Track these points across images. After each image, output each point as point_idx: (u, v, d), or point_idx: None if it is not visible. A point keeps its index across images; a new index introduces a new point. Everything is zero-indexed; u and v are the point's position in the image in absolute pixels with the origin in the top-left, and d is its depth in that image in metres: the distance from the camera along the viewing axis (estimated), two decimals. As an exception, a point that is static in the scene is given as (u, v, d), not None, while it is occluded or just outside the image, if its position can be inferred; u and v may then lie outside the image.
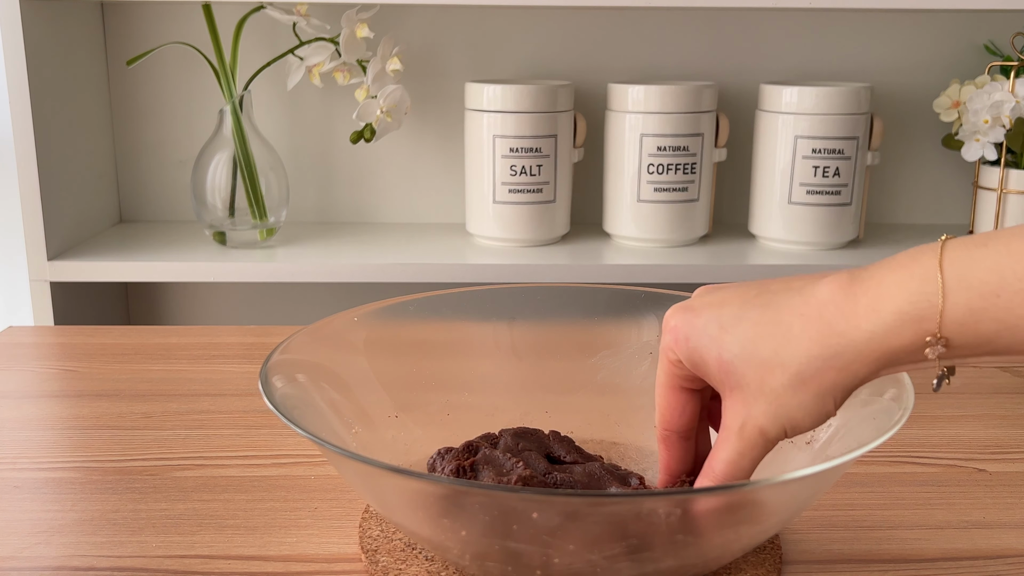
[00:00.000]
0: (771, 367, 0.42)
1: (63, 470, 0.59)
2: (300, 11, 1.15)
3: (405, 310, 0.59)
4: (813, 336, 0.41)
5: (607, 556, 0.40)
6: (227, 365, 0.79)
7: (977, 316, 0.38)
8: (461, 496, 0.40)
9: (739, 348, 0.42)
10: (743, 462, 0.43)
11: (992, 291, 0.38)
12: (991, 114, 1.17)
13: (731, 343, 0.43)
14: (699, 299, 0.45)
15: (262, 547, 0.50)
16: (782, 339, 0.42)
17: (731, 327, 0.43)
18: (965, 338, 0.39)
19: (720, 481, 0.44)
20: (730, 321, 0.43)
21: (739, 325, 0.43)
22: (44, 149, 1.12)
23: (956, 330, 0.38)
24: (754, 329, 0.42)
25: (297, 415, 0.46)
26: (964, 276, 0.38)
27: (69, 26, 1.19)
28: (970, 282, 0.38)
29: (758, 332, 0.42)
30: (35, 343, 0.85)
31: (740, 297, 0.44)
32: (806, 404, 0.42)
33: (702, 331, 0.43)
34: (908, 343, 0.39)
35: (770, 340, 0.42)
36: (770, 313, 0.42)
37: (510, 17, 1.29)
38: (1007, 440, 0.64)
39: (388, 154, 1.34)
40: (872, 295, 0.40)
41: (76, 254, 1.17)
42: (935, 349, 0.39)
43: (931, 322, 0.39)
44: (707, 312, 0.44)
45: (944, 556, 0.50)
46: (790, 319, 0.42)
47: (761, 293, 0.43)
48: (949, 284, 0.38)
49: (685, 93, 1.18)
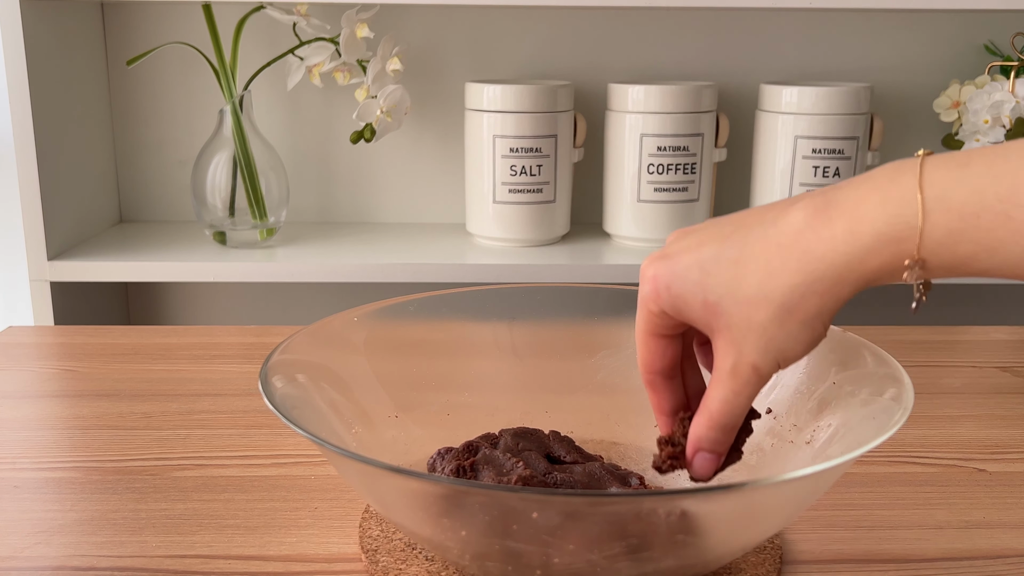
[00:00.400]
0: (756, 303, 0.42)
1: (63, 470, 0.59)
2: (300, 11, 1.15)
3: (405, 310, 0.59)
4: (793, 267, 0.41)
5: (607, 556, 0.40)
6: (227, 365, 0.79)
7: (955, 238, 0.38)
8: (461, 496, 0.40)
9: (723, 289, 0.42)
10: (738, 400, 0.43)
11: (972, 212, 0.37)
12: (991, 114, 1.17)
13: (714, 285, 0.42)
14: (675, 244, 0.45)
15: (262, 547, 0.50)
16: (764, 274, 0.41)
17: (712, 269, 0.42)
18: (942, 260, 0.39)
19: (716, 421, 0.44)
20: (710, 263, 0.43)
21: (719, 266, 0.42)
22: (44, 149, 1.12)
23: (934, 251, 0.38)
24: (735, 268, 0.42)
25: (297, 415, 0.46)
26: (944, 197, 0.38)
27: (69, 26, 1.19)
28: (950, 203, 0.38)
29: (739, 271, 0.42)
30: (35, 343, 0.85)
31: (717, 236, 0.43)
32: (795, 333, 0.42)
33: (683, 277, 0.43)
34: (886, 263, 0.39)
35: (752, 276, 0.42)
36: (748, 249, 0.42)
37: (510, 17, 1.29)
38: (1007, 440, 0.64)
39: (388, 154, 1.34)
40: (849, 217, 0.40)
41: (76, 254, 1.17)
42: (913, 272, 0.39)
43: (910, 243, 0.39)
44: (686, 257, 0.43)
45: (944, 556, 0.50)
46: (769, 253, 0.41)
47: (737, 229, 0.43)
48: (929, 205, 0.38)
49: (685, 93, 1.18)
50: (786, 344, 0.42)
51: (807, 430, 0.50)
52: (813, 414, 0.51)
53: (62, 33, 1.17)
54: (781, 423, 0.52)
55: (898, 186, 0.39)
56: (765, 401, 0.54)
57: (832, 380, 0.51)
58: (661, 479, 0.55)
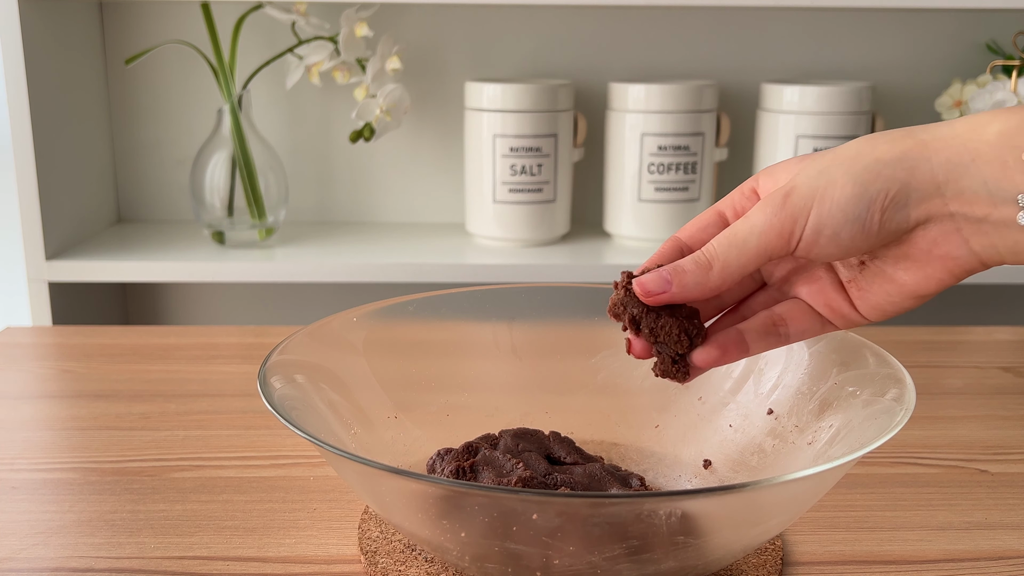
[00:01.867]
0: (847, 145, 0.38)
1: (61, 471, 0.59)
2: (299, 10, 1.15)
3: (405, 310, 0.59)
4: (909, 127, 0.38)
5: (607, 557, 0.40)
6: (226, 365, 0.78)
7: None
8: (461, 497, 0.40)
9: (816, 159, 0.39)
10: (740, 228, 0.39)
11: None
12: (992, 113, 1.17)
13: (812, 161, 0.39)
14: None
15: (261, 548, 0.50)
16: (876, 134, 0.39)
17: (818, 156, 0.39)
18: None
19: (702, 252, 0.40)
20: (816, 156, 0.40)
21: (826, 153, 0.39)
22: (42, 148, 1.12)
23: None
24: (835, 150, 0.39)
25: (296, 416, 0.46)
26: None
27: (67, 25, 1.19)
28: None
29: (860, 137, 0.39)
30: (33, 343, 0.85)
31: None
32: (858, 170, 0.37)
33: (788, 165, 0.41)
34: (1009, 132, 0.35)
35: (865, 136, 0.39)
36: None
37: (510, 16, 1.29)
38: (1009, 441, 0.64)
39: (387, 153, 1.34)
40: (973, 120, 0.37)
41: (74, 254, 1.17)
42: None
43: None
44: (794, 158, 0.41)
45: (946, 557, 0.50)
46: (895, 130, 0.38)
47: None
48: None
49: (686, 92, 1.18)
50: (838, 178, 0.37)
51: (808, 431, 0.50)
52: (814, 415, 0.50)
53: (60, 32, 1.16)
54: (782, 424, 0.52)
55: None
56: (767, 402, 0.53)
57: (833, 380, 0.51)
58: (662, 480, 0.54)
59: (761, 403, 0.54)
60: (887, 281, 0.40)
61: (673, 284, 0.40)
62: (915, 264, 0.39)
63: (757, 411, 0.54)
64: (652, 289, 0.40)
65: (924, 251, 0.38)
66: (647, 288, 0.41)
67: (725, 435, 0.55)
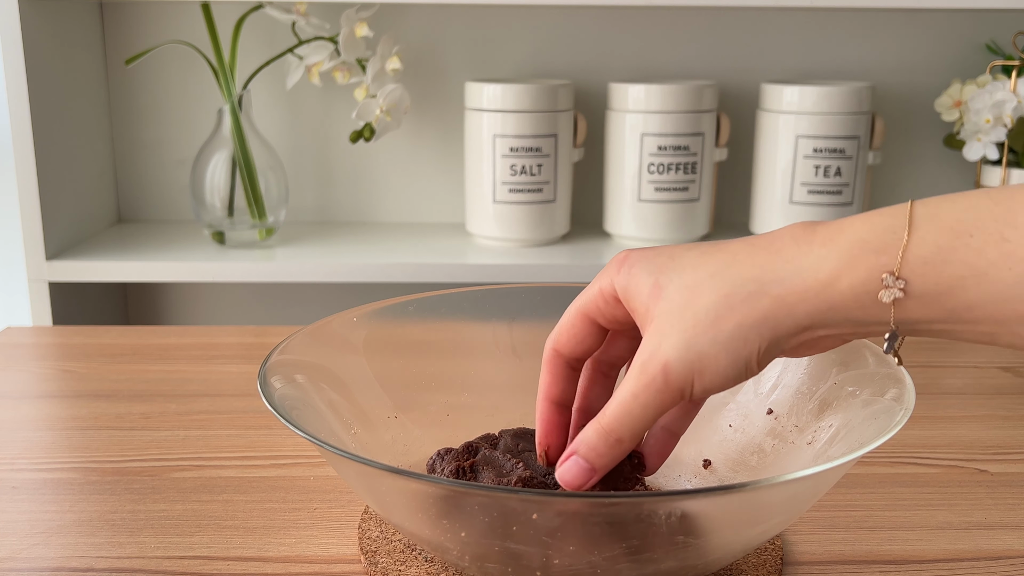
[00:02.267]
0: (701, 290, 0.38)
1: (61, 471, 0.59)
2: (299, 10, 1.15)
3: (405, 310, 0.59)
4: (758, 262, 0.38)
5: (607, 557, 0.40)
6: (226, 366, 0.78)
7: (945, 255, 0.35)
8: (461, 497, 0.40)
9: (676, 274, 0.39)
10: (635, 404, 0.39)
11: (966, 230, 0.34)
12: (993, 113, 1.17)
13: (672, 270, 0.40)
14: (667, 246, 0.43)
15: (261, 548, 0.50)
16: (723, 263, 0.39)
17: (678, 257, 0.40)
18: (926, 283, 0.35)
19: (605, 429, 0.40)
20: (680, 253, 0.40)
21: (686, 255, 0.40)
22: (42, 149, 1.12)
23: (918, 270, 0.35)
24: (699, 257, 0.39)
25: (296, 416, 0.46)
26: (936, 214, 0.35)
27: (68, 25, 1.19)
28: (941, 220, 0.35)
29: (703, 259, 0.39)
30: (33, 343, 0.85)
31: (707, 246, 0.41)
32: (723, 339, 0.37)
33: (649, 261, 0.40)
34: (860, 279, 0.36)
35: (711, 265, 0.39)
36: (721, 245, 0.40)
37: (510, 16, 1.29)
38: (1009, 441, 0.64)
39: (388, 154, 1.34)
40: (833, 228, 0.37)
41: (74, 254, 1.17)
42: (891, 292, 0.35)
43: (891, 255, 0.35)
44: (661, 249, 0.41)
45: (946, 557, 0.50)
46: (739, 247, 0.39)
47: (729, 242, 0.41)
48: (918, 219, 0.35)
49: (686, 92, 1.18)
50: (709, 350, 0.38)
51: (808, 431, 0.50)
52: (814, 415, 0.50)
53: (61, 32, 1.16)
54: (782, 423, 0.52)
55: (888, 208, 0.37)
56: (767, 402, 0.53)
57: (833, 380, 0.51)
58: (662, 480, 0.54)
59: (761, 403, 0.54)
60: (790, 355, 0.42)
61: (596, 470, 0.41)
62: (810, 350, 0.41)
63: (757, 411, 0.54)
64: (579, 483, 0.42)
65: (802, 353, 0.41)
66: (573, 484, 0.42)
67: (725, 435, 0.55)
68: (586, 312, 0.43)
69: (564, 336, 0.44)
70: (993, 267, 0.34)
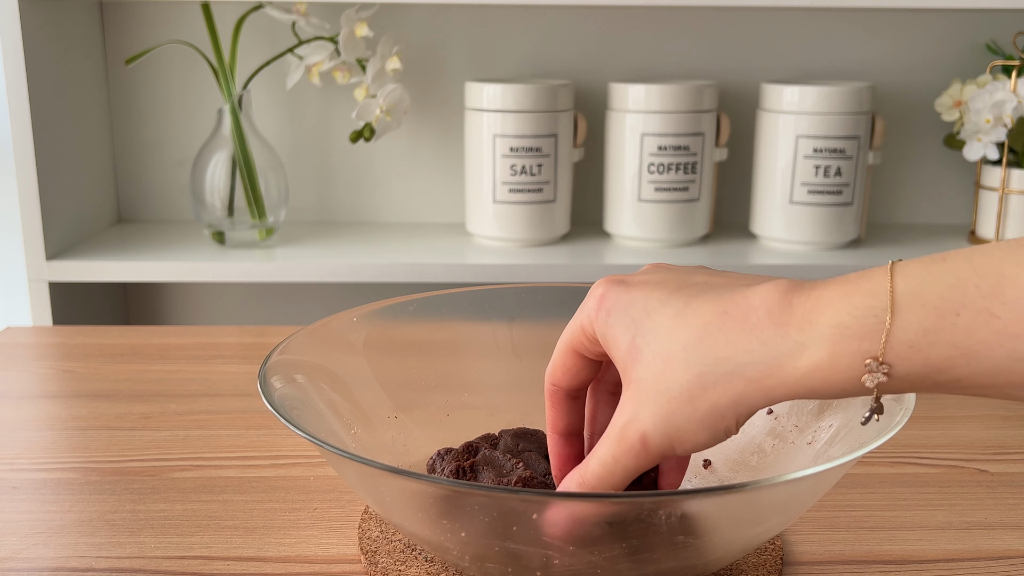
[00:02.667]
0: (674, 364, 0.37)
1: (61, 471, 0.59)
2: (299, 10, 1.15)
3: (405, 310, 0.59)
4: (731, 339, 0.36)
5: (607, 557, 0.40)
6: (226, 365, 0.78)
7: (930, 338, 0.33)
8: (461, 497, 0.40)
9: (652, 337, 0.38)
10: (615, 467, 0.39)
11: (952, 308, 0.33)
12: (993, 113, 1.17)
13: (647, 330, 0.38)
14: (639, 275, 0.41)
15: (261, 548, 0.50)
16: (696, 335, 0.37)
17: (654, 313, 0.38)
18: (912, 365, 0.34)
19: (586, 485, 0.40)
20: (656, 306, 0.39)
21: (662, 312, 0.38)
22: (43, 149, 1.12)
23: (903, 354, 0.33)
24: (673, 320, 0.38)
25: (296, 416, 0.46)
26: (919, 292, 0.33)
27: (68, 25, 1.19)
28: (925, 298, 0.33)
29: (676, 323, 0.38)
30: (33, 343, 0.85)
31: (676, 282, 0.40)
32: (699, 418, 0.37)
33: (625, 311, 0.39)
34: (842, 367, 0.34)
35: (683, 334, 0.37)
36: (694, 305, 0.38)
37: (510, 16, 1.29)
38: (1009, 441, 0.64)
39: (388, 154, 1.34)
40: (810, 305, 0.35)
41: (74, 254, 1.17)
42: (874, 376, 0.34)
43: (874, 342, 0.33)
44: (638, 291, 0.40)
45: (946, 557, 0.50)
46: (711, 316, 0.37)
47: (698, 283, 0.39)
48: (900, 299, 0.33)
49: (686, 92, 1.18)
50: (686, 426, 0.37)
51: (808, 431, 0.50)
52: (814, 415, 0.50)
53: (61, 32, 1.17)
54: (782, 424, 0.52)
55: (868, 280, 0.34)
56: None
57: (833, 380, 0.51)
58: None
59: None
60: None
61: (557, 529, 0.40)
62: None
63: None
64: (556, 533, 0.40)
65: None
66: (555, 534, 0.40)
67: (725, 435, 0.54)
68: (574, 348, 0.43)
69: (559, 371, 0.44)
70: (983, 346, 0.33)
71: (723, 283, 0.39)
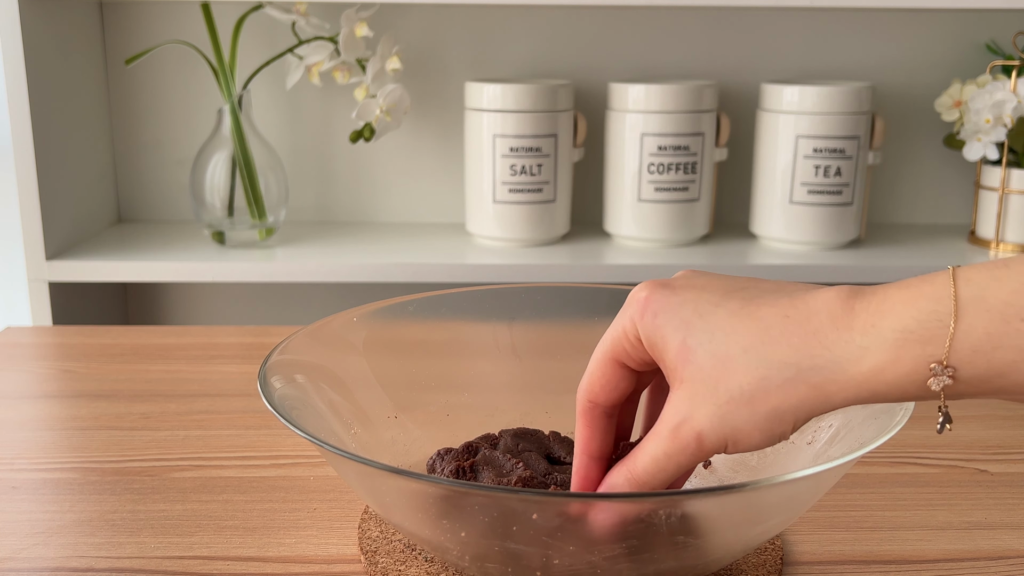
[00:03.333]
0: (734, 366, 0.37)
1: (61, 471, 0.59)
2: (299, 10, 1.15)
3: (405, 310, 0.59)
4: (794, 342, 0.36)
5: (607, 557, 0.40)
6: (226, 365, 0.78)
7: (995, 342, 0.33)
8: (461, 497, 0.40)
9: (706, 337, 0.37)
10: (669, 465, 0.39)
11: (1016, 314, 0.33)
12: (993, 113, 1.17)
13: (701, 330, 0.38)
14: (681, 279, 0.40)
15: (261, 548, 0.50)
16: (756, 337, 0.37)
17: (707, 314, 0.38)
18: (976, 369, 0.34)
19: (636, 482, 0.40)
20: (708, 307, 0.38)
21: (716, 313, 0.38)
22: (42, 148, 1.12)
23: (967, 358, 0.34)
24: (729, 320, 0.37)
25: (296, 416, 0.46)
26: (983, 296, 0.33)
27: (68, 25, 1.19)
28: (989, 303, 0.33)
29: (733, 324, 0.37)
30: (33, 343, 0.85)
31: (724, 287, 0.39)
32: (758, 420, 0.37)
33: (674, 312, 0.38)
34: (906, 370, 0.35)
35: (743, 336, 0.37)
36: (752, 308, 0.37)
37: (510, 16, 1.29)
38: (1009, 441, 0.64)
39: (388, 153, 1.34)
40: (873, 310, 0.35)
41: (74, 254, 1.17)
42: (939, 380, 0.34)
43: (938, 345, 0.34)
44: (686, 293, 0.39)
45: (946, 557, 0.50)
46: (772, 319, 0.37)
47: (749, 288, 0.39)
48: (964, 304, 0.33)
49: (686, 92, 1.18)
50: (744, 427, 0.37)
51: (808, 431, 0.50)
52: (814, 414, 0.50)
53: (61, 32, 1.16)
54: (782, 423, 0.52)
55: (931, 284, 0.35)
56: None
57: (833, 380, 0.51)
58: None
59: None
60: None
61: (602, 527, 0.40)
62: None
63: (757, 411, 0.54)
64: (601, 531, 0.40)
65: None
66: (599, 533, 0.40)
67: (725, 435, 0.54)
68: (615, 357, 0.41)
69: (597, 385, 0.42)
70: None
71: (776, 288, 0.39)
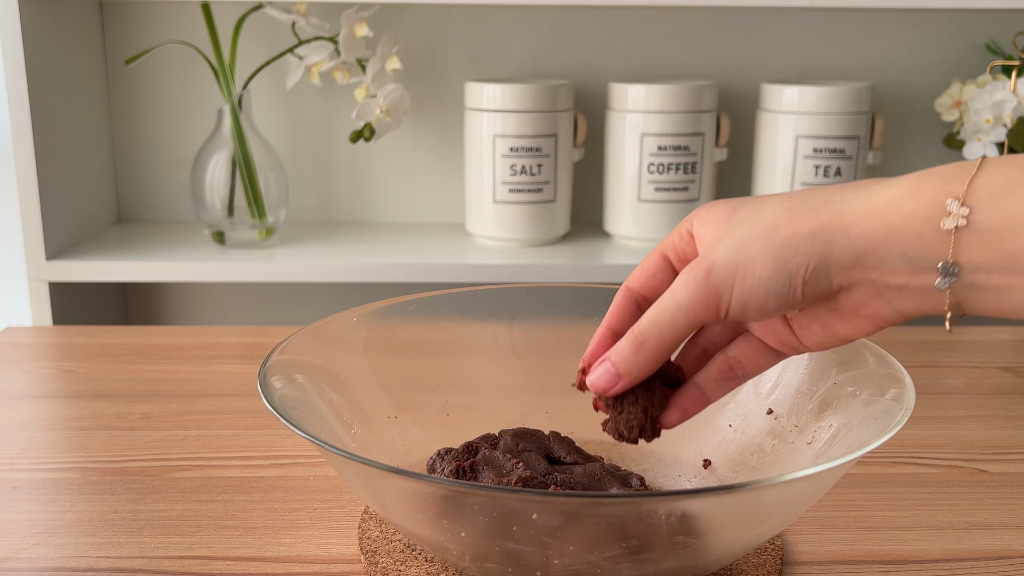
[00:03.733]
0: (770, 204, 0.39)
1: (61, 471, 0.59)
2: (299, 10, 1.15)
3: (405, 310, 0.59)
4: (832, 190, 0.38)
5: (607, 557, 0.40)
6: (226, 365, 0.78)
7: (1012, 187, 0.34)
8: (461, 497, 0.40)
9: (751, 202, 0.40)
10: (669, 304, 0.40)
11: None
12: (993, 113, 1.17)
13: (751, 202, 0.40)
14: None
15: (261, 548, 0.50)
16: (801, 192, 0.39)
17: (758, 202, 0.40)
18: (990, 215, 0.35)
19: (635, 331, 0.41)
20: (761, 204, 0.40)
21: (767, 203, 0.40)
22: (43, 148, 1.12)
23: (983, 199, 0.35)
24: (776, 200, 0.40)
25: (296, 416, 0.46)
26: (1012, 160, 0.35)
27: (68, 25, 1.19)
28: (1016, 162, 0.35)
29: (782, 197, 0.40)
30: (33, 343, 0.85)
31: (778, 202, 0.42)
32: (774, 246, 0.38)
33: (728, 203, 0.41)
34: (924, 203, 0.36)
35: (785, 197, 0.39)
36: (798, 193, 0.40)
37: (510, 16, 1.29)
38: (1008, 441, 0.64)
39: (387, 154, 1.34)
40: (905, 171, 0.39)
41: (74, 254, 1.17)
42: (954, 218, 0.35)
43: (958, 183, 0.35)
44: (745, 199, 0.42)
45: (945, 557, 0.50)
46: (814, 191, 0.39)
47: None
48: (992, 160, 0.36)
49: (686, 92, 1.18)
50: (758, 255, 0.38)
51: (808, 431, 0.50)
52: (814, 414, 0.50)
53: (61, 32, 1.16)
54: (782, 423, 0.52)
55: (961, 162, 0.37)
56: (767, 402, 0.53)
57: (833, 380, 0.51)
58: (662, 480, 0.54)
59: (761, 403, 0.54)
60: (822, 327, 0.42)
61: (620, 376, 0.42)
62: (844, 318, 0.41)
63: (757, 411, 0.54)
64: (605, 386, 0.43)
65: (851, 310, 0.40)
66: (600, 387, 0.43)
67: (725, 435, 0.55)
68: (662, 250, 0.44)
69: (638, 271, 0.45)
70: None
71: None
